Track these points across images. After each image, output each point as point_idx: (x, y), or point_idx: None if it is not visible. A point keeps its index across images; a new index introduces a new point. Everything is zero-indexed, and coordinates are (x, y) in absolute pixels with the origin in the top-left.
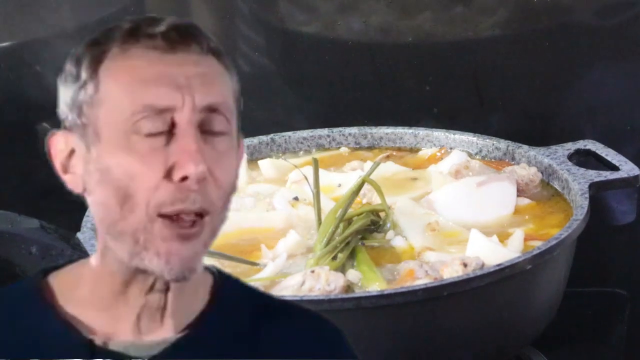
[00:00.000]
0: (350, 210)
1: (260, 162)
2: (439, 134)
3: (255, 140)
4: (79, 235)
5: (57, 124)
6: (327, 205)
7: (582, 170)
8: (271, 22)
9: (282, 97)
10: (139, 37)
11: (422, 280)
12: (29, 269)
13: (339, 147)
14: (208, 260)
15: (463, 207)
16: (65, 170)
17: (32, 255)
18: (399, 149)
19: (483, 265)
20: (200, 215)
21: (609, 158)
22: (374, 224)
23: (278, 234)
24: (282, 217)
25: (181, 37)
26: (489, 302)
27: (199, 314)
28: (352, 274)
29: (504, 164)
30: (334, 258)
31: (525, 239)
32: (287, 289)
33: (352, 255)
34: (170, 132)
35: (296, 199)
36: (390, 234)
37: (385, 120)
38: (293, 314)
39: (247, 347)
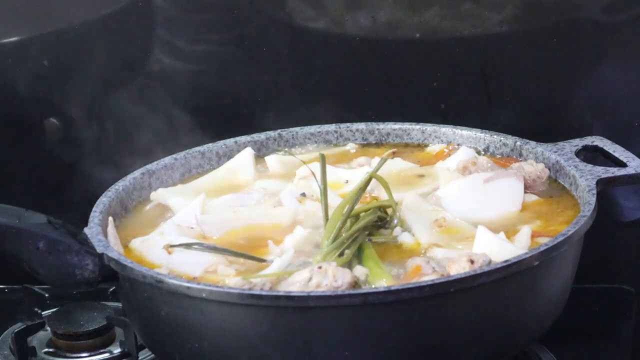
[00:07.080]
0: (358, 207)
1: (267, 157)
2: (447, 130)
3: (262, 135)
4: (86, 230)
5: (64, 119)
6: (334, 201)
7: (589, 166)
8: (279, 17)
9: (289, 92)
10: None
11: (429, 277)
12: (36, 265)
13: (346, 144)
14: (215, 257)
15: (470, 204)
16: None
17: (39, 250)
18: (406, 145)
19: (490, 261)
20: None
21: (616, 154)
22: (381, 220)
23: (285, 230)
24: (289, 213)
25: None
26: (495, 298)
27: None
28: (359, 270)
29: (511, 160)
30: (341, 254)
31: (533, 236)
32: (294, 285)
33: (359, 251)
34: None
35: (303, 195)
36: (397, 230)
37: (393, 116)
38: None
39: None
